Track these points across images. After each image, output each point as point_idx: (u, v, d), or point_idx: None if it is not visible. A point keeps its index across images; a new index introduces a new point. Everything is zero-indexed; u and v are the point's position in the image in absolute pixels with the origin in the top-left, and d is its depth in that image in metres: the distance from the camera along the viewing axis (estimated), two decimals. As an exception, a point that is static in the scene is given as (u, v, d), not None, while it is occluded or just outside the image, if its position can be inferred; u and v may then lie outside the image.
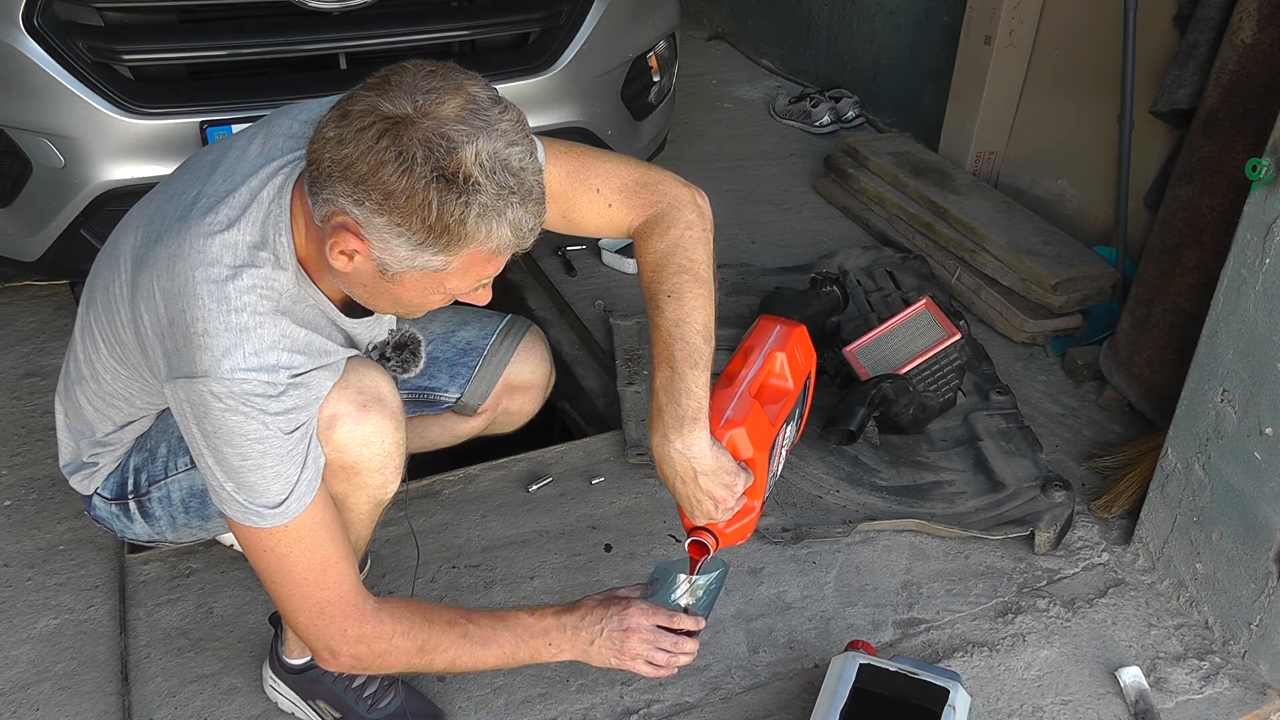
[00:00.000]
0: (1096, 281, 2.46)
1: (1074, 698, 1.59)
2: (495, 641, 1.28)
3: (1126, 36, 2.38)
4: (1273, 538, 1.57)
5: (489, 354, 1.62)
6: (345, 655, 1.23)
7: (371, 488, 1.29)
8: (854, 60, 3.84)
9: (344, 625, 1.21)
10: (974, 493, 1.96)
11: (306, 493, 1.17)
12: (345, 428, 1.23)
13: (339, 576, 1.20)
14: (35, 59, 1.90)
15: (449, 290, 1.12)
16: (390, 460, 1.29)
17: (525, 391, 1.68)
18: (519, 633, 1.30)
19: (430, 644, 1.25)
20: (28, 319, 2.44)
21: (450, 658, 1.27)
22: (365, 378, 1.26)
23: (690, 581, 1.37)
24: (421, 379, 1.57)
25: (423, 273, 1.06)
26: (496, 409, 1.66)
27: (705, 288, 1.27)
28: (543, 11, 2.32)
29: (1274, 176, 1.47)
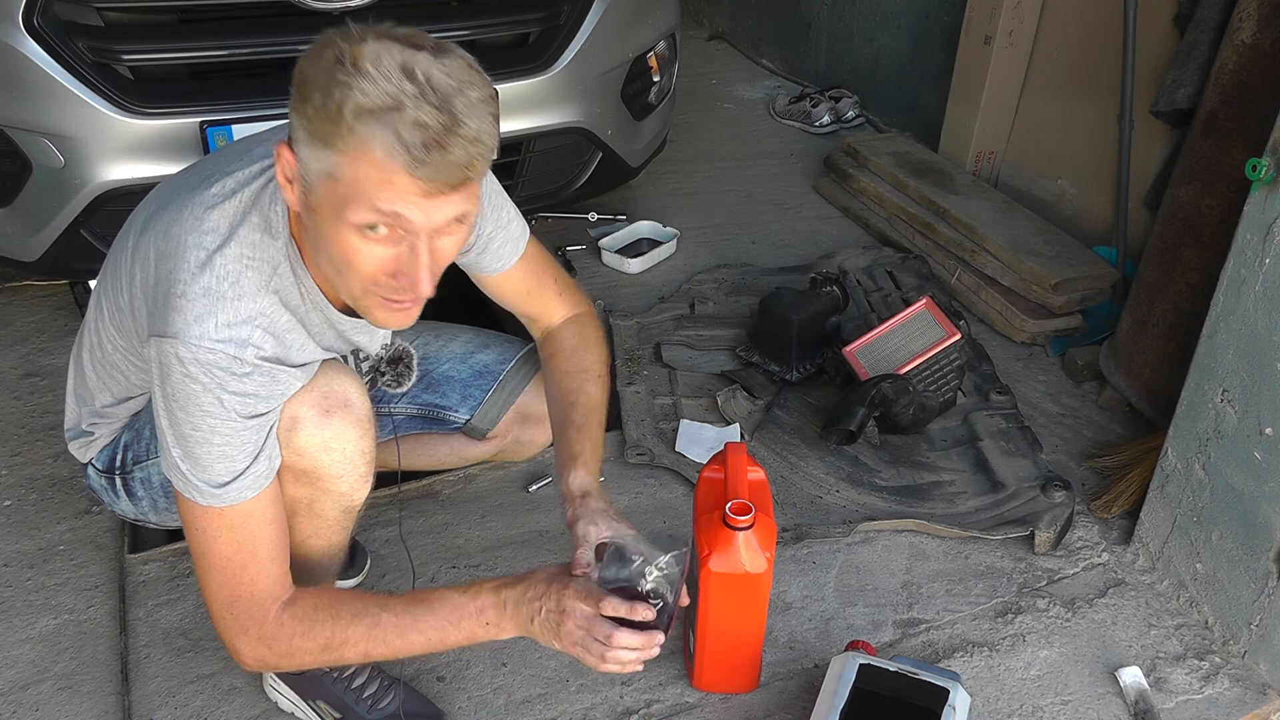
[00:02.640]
0: (1096, 281, 2.46)
1: (1074, 698, 1.59)
2: (415, 628, 1.20)
3: (1126, 36, 2.38)
4: (1273, 538, 1.57)
5: (505, 379, 1.59)
6: (248, 655, 1.21)
7: (336, 494, 1.28)
8: (854, 60, 3.84)
9: (247, 624, 1.19)
10: (974, 493, 1.96)
11: (251, 486, 1.15)
12: (306, 432, 1.21)
13: (257, 575, 1.18)
14: (35, 59, 1.90)
15: (350, 216, 1.02)
16: (353, 467, 1.26)
17: (539, 423, 1.63)
18: (446, 615, 1.20)
19: (335, 641, 1.20)
20: (28, 319, 2.44)
21: (362, 651, 1.20)
22: (333, 382, 1.24)
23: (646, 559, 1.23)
24: (433, 396, 1.55)
25: (325, 184, 1.02)
26: (507, 436, 1.63)
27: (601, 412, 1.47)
28: (543, 11, 2.32)
29: (1274, 176, 1.47)
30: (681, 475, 2.01)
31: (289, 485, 1.26)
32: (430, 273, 1.07)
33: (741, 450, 1.50)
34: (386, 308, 1.12)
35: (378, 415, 1.50)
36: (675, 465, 2.03)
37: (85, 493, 1.92)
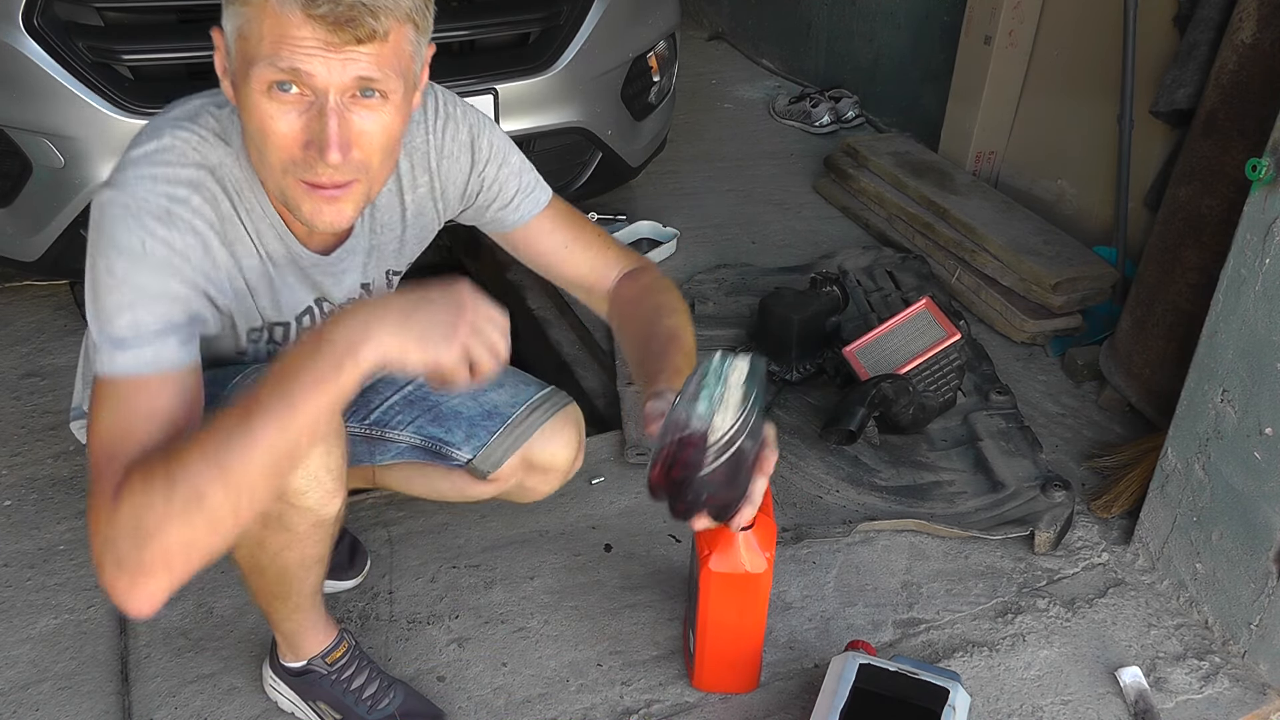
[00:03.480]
0: (1096, 281, 2.46)
1: (1074, 698, 1.59)
2: (255, 406, 0.94)
3: (1126, 36, 2.38)
4: (1273, 538, 1.57)
5: (513, 424, 1.47)
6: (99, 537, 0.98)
7: (303, 509, 1.23)
8: (854, 60, 3.84)
9: (105, 486, 0.98)
10: (974, 493, 1.96)
11: (151, 361, 1.03)
12: None
13: (131, 450, 1.00)
14: (35, 59, 1.90)
15: (256, 76, 1.00)
16: (318, 484, 1.20)
17: (544, 473, 1.52)
18: (282, 367, 0.96)
19: (174, 463, 0.94)
20: (28, 319, 2.44)
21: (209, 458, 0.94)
22: None
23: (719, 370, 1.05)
24: (438, 429, 1.47)
25: (238, 48, 1.01)
26: (510, 481, 1.53)
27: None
28: (543, 11, 2.32)
29: (1274, 176, 1.47)
30: (681, 475, 2.01)
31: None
32: (341, 141, 1.02)
33: None
34: (312, 196, 1.06)
35: (382, 440, 1.49)
36: (675, 465, 2.03)
37: (85, 493, 1.92)
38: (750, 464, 1.10)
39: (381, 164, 1.10)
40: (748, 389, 1.04)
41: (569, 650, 1.65)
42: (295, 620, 1.42)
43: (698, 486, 1.05)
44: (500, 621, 1.70)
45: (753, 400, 1.03)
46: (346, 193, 1.08)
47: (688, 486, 1.06)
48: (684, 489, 1.06)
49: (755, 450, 1.08)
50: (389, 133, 1.07)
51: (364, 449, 1.50)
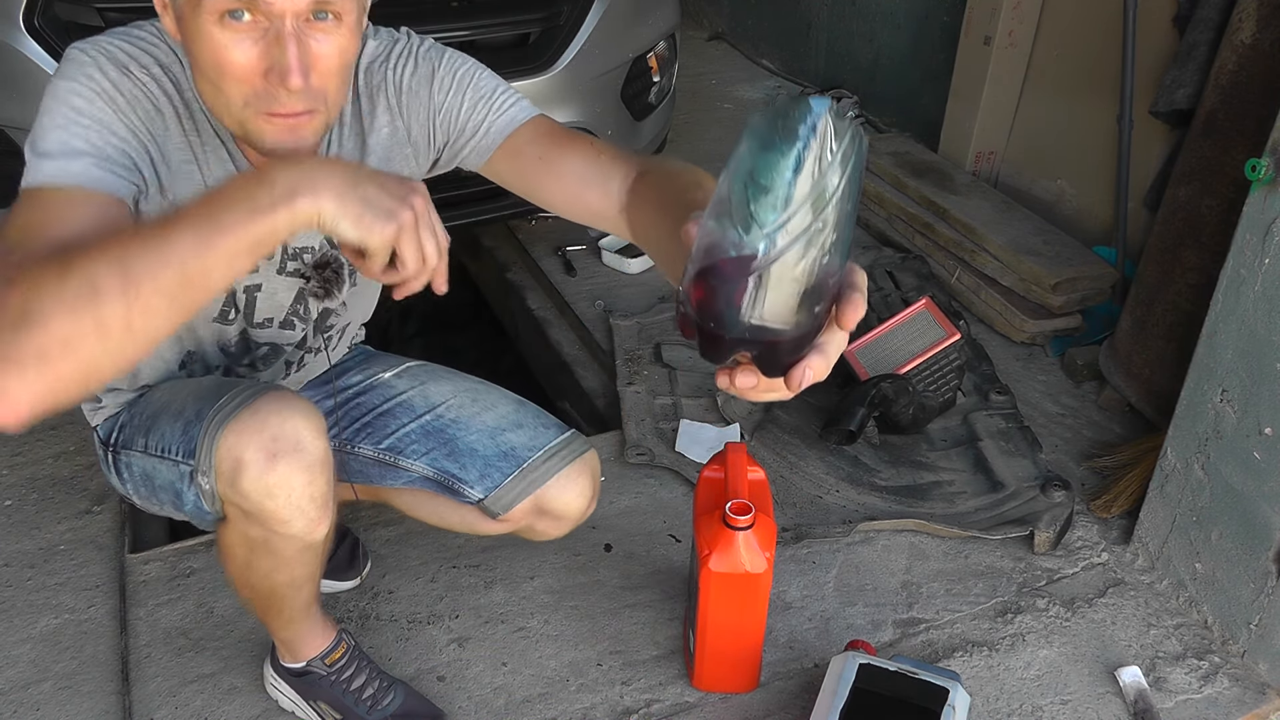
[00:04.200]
0: (1096, 281, 2.46)
1: (1073, 697, 1.59)
2: (179, 217, 0.85)
3: (1126, 36, 2.38)
4: (1272, 538, 1.57)
5: (529, 468, 1.42)
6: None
7: (288, 536, 1.21)
8: (854, 60, 3.84)
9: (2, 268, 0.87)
10: (974, 493, 1.96)
11: (76, 175, 1.00)
12: (249, 476, 1.13)
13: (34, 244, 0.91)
14: (35, 59, 1.90)
15: (211, 4, 0.97)
16: (301, 512, 1.17)
17: (555, 520, 1.48)
18: (219, 193, 0.86)
19: (75, 260, 0.82)
20: (28, 319, 2.44)
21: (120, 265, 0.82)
22: (286, 422, 1.14)
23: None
24: (452, 465, 1.44)
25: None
26: (520, 523, 1.49)
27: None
28: (543, 12, 2.32)
29: (1273, 176, 1.47)
30: (681, 475, 2.01)
31: (240, 523, 1.21)
32: (301, 65, 1.00)
33: (741, 450, 1.50)
34: (273, 124, 1.04)
35: (395, 467, 1.46)
36: (675, 465, 2.03)
37: (86, 493, 1.92)
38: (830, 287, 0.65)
39: (337, 90, 1.07)
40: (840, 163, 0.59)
41: (569, 650, 1.65)
42: (291, 630, 1.43)
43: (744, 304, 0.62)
44: (500, 621, 1.70)
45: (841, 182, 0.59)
46: (308, 120, 1.06)
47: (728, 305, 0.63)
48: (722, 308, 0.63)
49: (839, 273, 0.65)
50: (344, 56, 1.05)
51: (375, 471, 1.48)
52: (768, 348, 0.65)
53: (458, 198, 2.40)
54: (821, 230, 0.59)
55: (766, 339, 0.64)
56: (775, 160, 0.58)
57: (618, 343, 2.40)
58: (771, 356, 0.66)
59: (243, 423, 1.14)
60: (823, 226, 0.59)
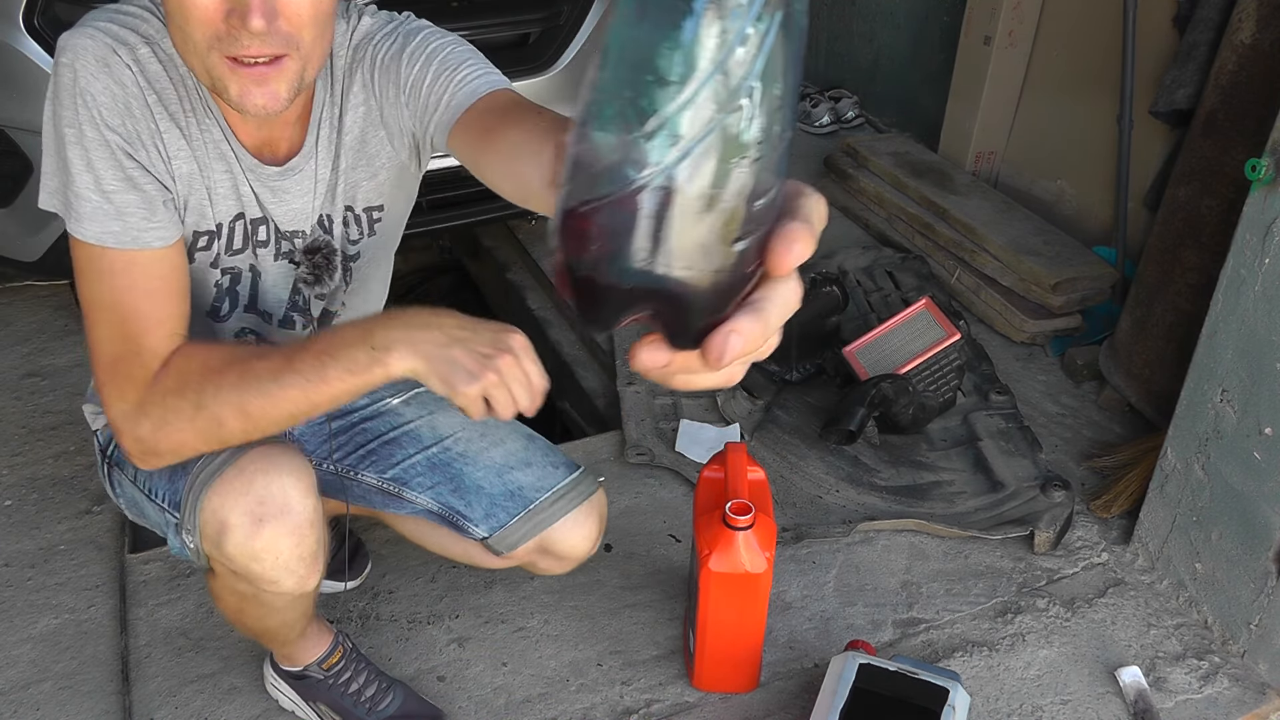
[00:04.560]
0: (1096, 281, 2.46)
1: (1073, 697, 1.59)
2: (290, 369, 1.00)
3: (1126, 36, 2.38)
4: (1272, 538, 1.57)
5: (535, 510, 1.39)
6: (126, 430, 1.07)
7: (276, 593, 1.19)
8: (854, 60, 3.84)
9: (125, 387, 1.06)
10: (974, 493, 1.96)
11: (124, 235, 1.05)
12: (234, 540, 1.11)
13: (142, 330, 1.06)
14: (35, 59, 1.90)
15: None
16: (290, 572, 1.15)
17: (558, 560, 1.46)
18: (323, 347, 1.00)
19: (207, 397, 1.03)
20: (28, 319, 2.44)
21: (236, 406, 1.02)
22: (272, 482, 1.11)
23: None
24: (458, 501, 1.40)
25: None
26: (523, 559, 1.47)
27: None
28: (543, 12, 2.32)
29: (1273, 176, 1.47)
30: (681, 475, 2.01)
31: (228, 578, 1.20)
32: (264, 6, 0.96)
33: (741, 450, 1.50)
34: (238, 74, 1.00)
35: (399, 498, 1.42)
36: (675, 465, 2.03)
37: (86, 493, 1.92)
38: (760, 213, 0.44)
39: (315, 40, 1.03)
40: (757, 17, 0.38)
41: (569, 650, 1.65)
42: (286, 649, 1.44)
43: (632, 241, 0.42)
44: (500, 621, 1.70)
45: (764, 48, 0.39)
46: (277, 70, 1.01)
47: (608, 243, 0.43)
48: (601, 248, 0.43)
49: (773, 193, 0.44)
50: (318, 5, 1.01)
51: (378, 499, 1.45)
52: (671, 304, 0.45)
53: (458, 198, 2.40)
54: (739, 125, 0.39)
55: (667, 290, 0.44)
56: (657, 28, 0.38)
57: (618, 343, 2.40)
58: (679, 317, 0.46)
59: (227, 483, 1.10)
60: (740, 120, 0.39)
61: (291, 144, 1.18)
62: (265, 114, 1.04)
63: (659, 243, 0.42)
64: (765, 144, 0.41)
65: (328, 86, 1.19)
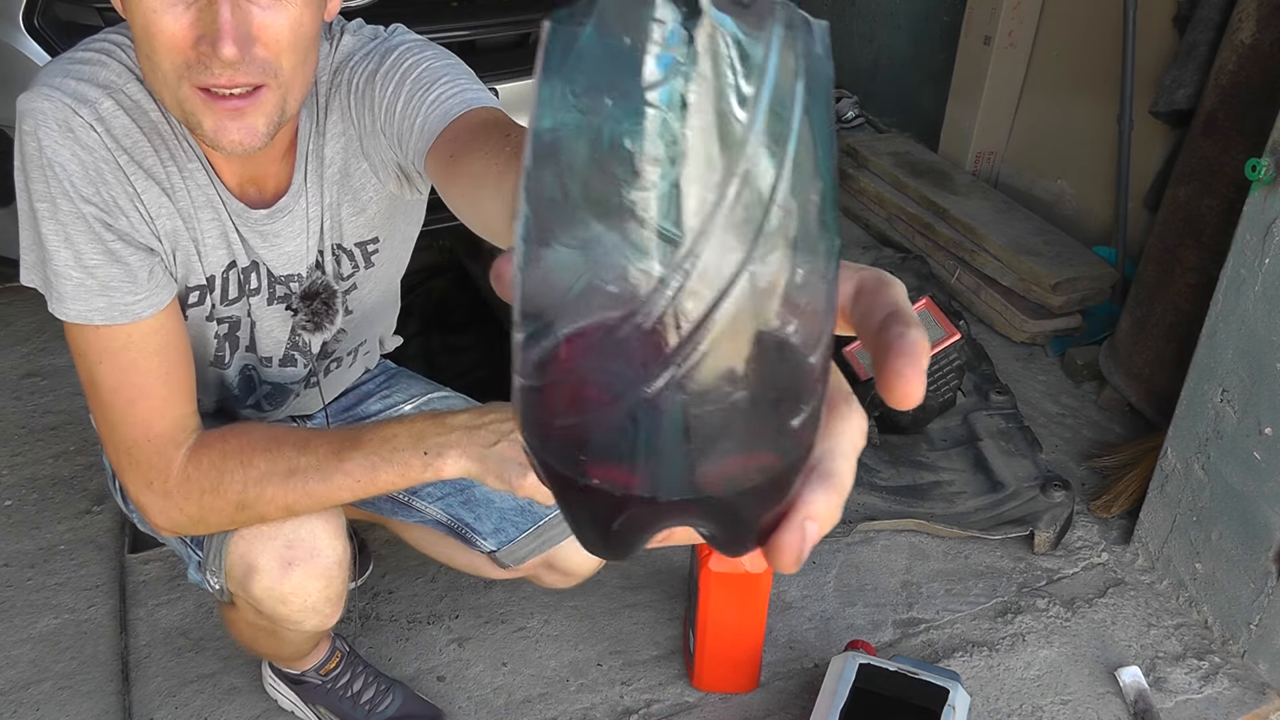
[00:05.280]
0: (1096, 281, 2.46)
1: (1074, 697, 1.59)
2: (340, 470, 1.01)
3: (1126, 36, 2.38)
4: (1272, 538, 1.57)
5: (544, 526, 1.36)
6: (158, 515, 1.04)
7: (298, 631, 1.19)
8: (854, 60, 3.84)
9: (150, 476, 1.02)
10: (974, 493, 1.96)
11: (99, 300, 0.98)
12: (261, 584, 1.09)
13: (151, 414, 1.01)
14: (35, 59, 1.90)
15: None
16: (315, 613, 1.14)
17: (564, 575, 1.42)
18: (375, 449, 1.00)
19: (250, 497, 1.02)
20: (28, 319, 2.44)
21: (282, 505, 1.02)
22: (301, 526, 1.09)
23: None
24: (468, 514, 1.38)
25: None
26: (528, 573, 1.45)
27: None
28: (543, 12, 2.32)
29: (1274, 176, 1.47)
30: (681, 475, 2.01)
31: (249, 613, 1.18)
32: (237, 33, 0.87)
33: None
34: (212, 108, 0.92)
35: (409, 507, 1.40)
36: (675, 465, 2.02)
37: (85, 493, 1.92)
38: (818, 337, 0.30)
39: (295, 67, 0.94)
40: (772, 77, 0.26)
41: (569, 650, 1.65)
42: (290, 663, 1.46)
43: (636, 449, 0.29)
44: (500, 621, 1.70)
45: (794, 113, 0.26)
46: (254, 103, 0.92)
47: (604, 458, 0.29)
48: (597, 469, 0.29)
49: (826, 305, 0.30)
50: (298, 29, 0.91)
51: (388, 507, 1.43)
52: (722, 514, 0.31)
53: (458, 198, 2.39)
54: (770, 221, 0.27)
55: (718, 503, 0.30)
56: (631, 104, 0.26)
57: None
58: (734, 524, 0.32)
59: (255, 527, 1.08)
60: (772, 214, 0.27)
61: (279, 182, 1.10)
62: (242, 151, 0.95)
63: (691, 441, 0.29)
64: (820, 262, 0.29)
65: (313, 116, 1.09)
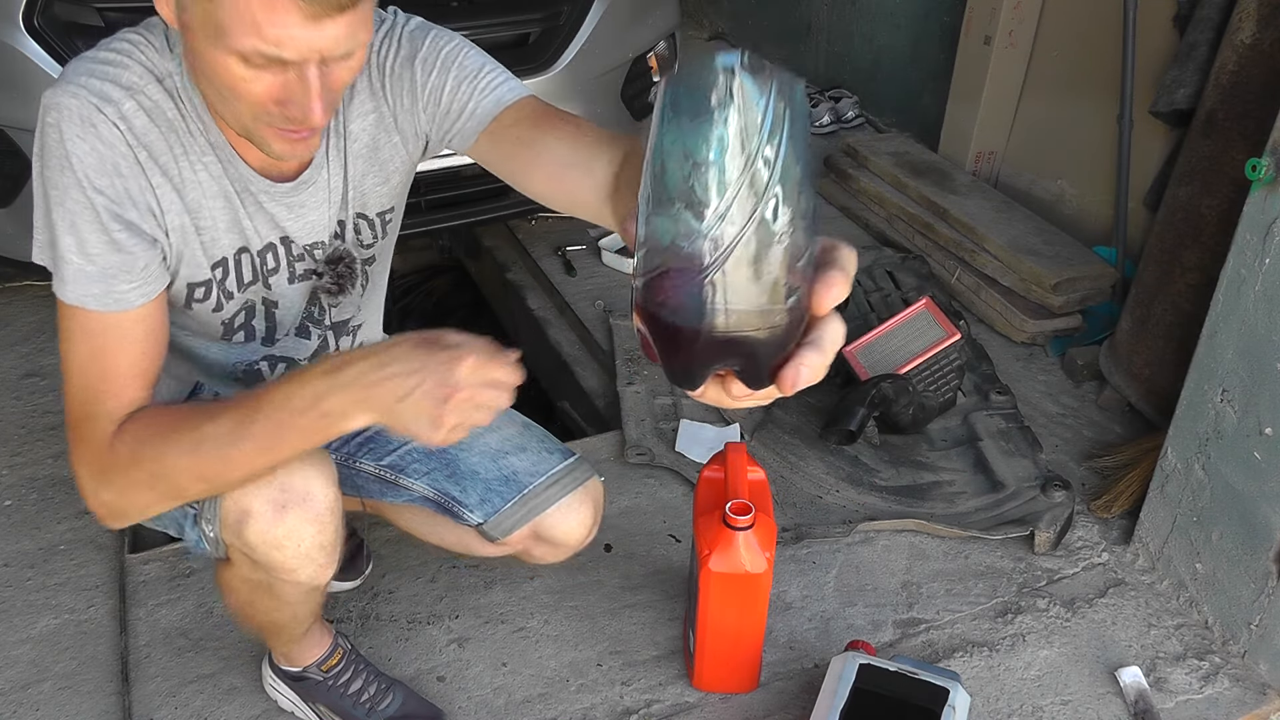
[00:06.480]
0: (1096, 281, 2.46)
1: (1074, 698, 1.59)
2: (244, 435, 1.00)
3: (1126, 36, 2.38)
4: (1272, 538, 1.57)
5: (530, 495, 1.39)
6: (93, 497, 1.07)
7: (293, 584, 1.20)
8: (854, 60, 3.84)
9: (85, 452, 1.06)
10: (974, 493, 1.96)
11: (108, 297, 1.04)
12: (255, 528, 1.12)
13: (107, 393, 1.05)
14: (35, 59, 1.90)
15: (232, 44, 0.93)
16: (309, 561, 1.17)
17: (553, 547, 1.45)
18: (274, 412, 0.99)
19: (164, 467, 1.03)
20: (28, 319, 2.44)
21: (195, 473, 1.03)
22: (294, 471, 1.12)
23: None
24: (453, 487, 1.41)
25: (200, 7, 0.93)
26: (517, 547, 1.47)
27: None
28: (543, 11, 2.32)
29: (1274, 176, 1.47)
30: (681, 475, 2.01)
31: (244, 567, 1.20)
32: (323, 101, 0.99)
33: (741, 450, 1.50)
34: (282, 138, 1.04)
35: (395, 485, 1.43)
36: (675, 465, 2.03)
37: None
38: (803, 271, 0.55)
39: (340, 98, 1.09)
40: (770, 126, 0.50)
41: (569, 650, 1.65)
42: (287, 647, 1.44)
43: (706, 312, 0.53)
44: (500, 621, 1.70)
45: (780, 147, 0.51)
46: (316, 132, 1.05)
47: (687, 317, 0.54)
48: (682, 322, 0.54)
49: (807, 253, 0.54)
50: (355, 73, 1.04)
51: (376, 487, 1.46)
52: (745, 356, 0.56)
53: (458, 198, 2.40)
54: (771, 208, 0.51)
55: (740, 345, 0.55)
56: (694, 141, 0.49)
57: (617, 343, 2.40)
58: (755, 364, 0.56)
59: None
60: (771, 203, 0.51)
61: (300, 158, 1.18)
62: (300, 161, 1.10)
63: (726, 311, 0.53)
64: (796, 218, 0.52)
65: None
